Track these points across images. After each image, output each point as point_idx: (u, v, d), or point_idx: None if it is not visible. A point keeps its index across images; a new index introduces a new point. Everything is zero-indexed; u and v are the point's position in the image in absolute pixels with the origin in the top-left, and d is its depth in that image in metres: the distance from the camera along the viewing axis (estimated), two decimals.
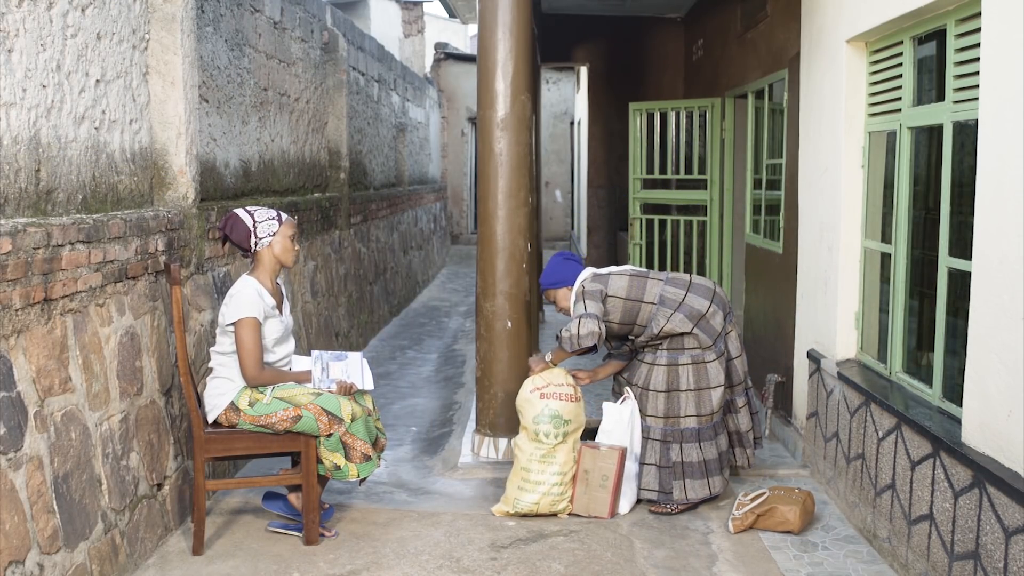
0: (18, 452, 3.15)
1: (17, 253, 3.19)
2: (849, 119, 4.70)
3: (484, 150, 5.35)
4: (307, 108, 7.58)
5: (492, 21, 5.26)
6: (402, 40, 18.37)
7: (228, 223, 4.16)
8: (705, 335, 4.53)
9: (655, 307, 4.53)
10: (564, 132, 19.13)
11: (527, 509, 4.49)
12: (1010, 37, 3.08)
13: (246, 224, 4.12)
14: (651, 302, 4.54)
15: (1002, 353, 3.12)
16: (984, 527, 3.14)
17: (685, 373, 4.53)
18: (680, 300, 4.54)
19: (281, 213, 4.22)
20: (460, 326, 10.51)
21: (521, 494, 4.50)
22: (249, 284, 4.08)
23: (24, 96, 3.47)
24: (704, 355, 4.54)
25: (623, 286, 4.57)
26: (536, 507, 4.49)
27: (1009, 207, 3.08)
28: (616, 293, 4.56)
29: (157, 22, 4.52)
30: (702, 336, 4.52)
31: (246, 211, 4.16)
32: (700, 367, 4.53)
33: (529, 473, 4.50)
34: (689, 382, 4.53)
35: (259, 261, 4.17)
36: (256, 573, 3.89)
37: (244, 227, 4.12)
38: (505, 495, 4.58)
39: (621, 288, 4.57)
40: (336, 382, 4.14)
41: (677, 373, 4.53)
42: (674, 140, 8.32)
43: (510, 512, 4.52)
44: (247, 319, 3.99)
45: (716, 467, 4.61)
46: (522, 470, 4.53)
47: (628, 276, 4.63)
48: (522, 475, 4.52)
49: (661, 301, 4.54)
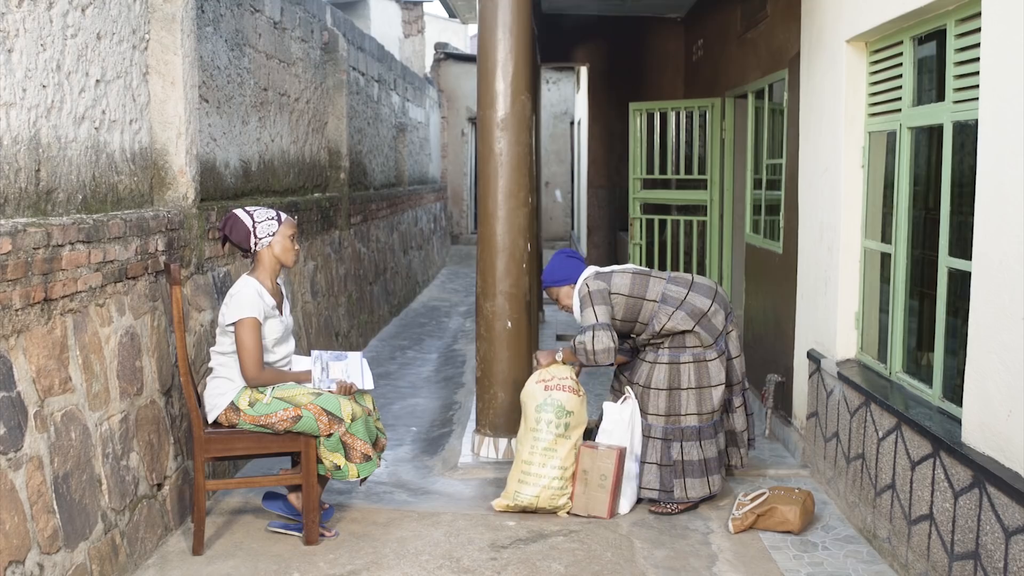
0: (18, 452, 3.15)
1: (17, 253, 3.19)
2: (849, 119, 4.70)
3: (484, 150, 5.35)
4: (307, 108, 7.58)
5: (492, 21, 5.26)
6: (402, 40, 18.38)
7: (228, 224, 4.15)
8: (707, 333, 4.54)
9: (657, 304, 4.55)
10: (564, 132, 19.13)
11: (527, 503, 4.50)
12: (1010, 37, 3.08)
13: (245, 224, 4.11)
14: (653, 300, 4.56)
15: (1002, 353, 3.12)
16: (984, 527, 3.14)
17: (687, 371, 4.54)
18: (682, 298, 4.55)
19: (280, 213, 4.21)
20: (460, 326, 10.51)
21: (521, 487, 4.51)
22: (249, 284, 4.07)
23: (24, 96, 3.47)
24: (705, 353, 4.54)
25: (626, 283, 4.59)
26: (536, 500, 4.49)
27: (1009, 207, 3.08)
28: (619, 290, 4.58)
29: (157, 22, 4.52)
30: (703, 334, 4.53)
31: (245, 211, 4.16)
32: (701, 365, 4.54)
33: (530, 466, 4.51)
34: (690, 380, 4.54)
35: (259, 261, 4.16)
36: (256, 573, 3.89)
37: (244, 227, 4.11)
38: (506, 489, 4.59)
39: (624, 286, 4.59)
40: (336, 382, 4.14)
41: (679, 371, 4.54)
42: (674, 140, 8.33)
43: (510, 505, 4.53)
44: (247, 319, 3.99)
45: (716, 466, 4.62)
46: (523, 463, 4.54)
47: (631, 274, 4.65)
48: (523, 468, 4.53)
49: (663, 299, 4.55)
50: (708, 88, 8.49)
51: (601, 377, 7.40)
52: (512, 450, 5.35)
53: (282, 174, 6.88)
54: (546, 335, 9.26)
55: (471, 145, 19.14)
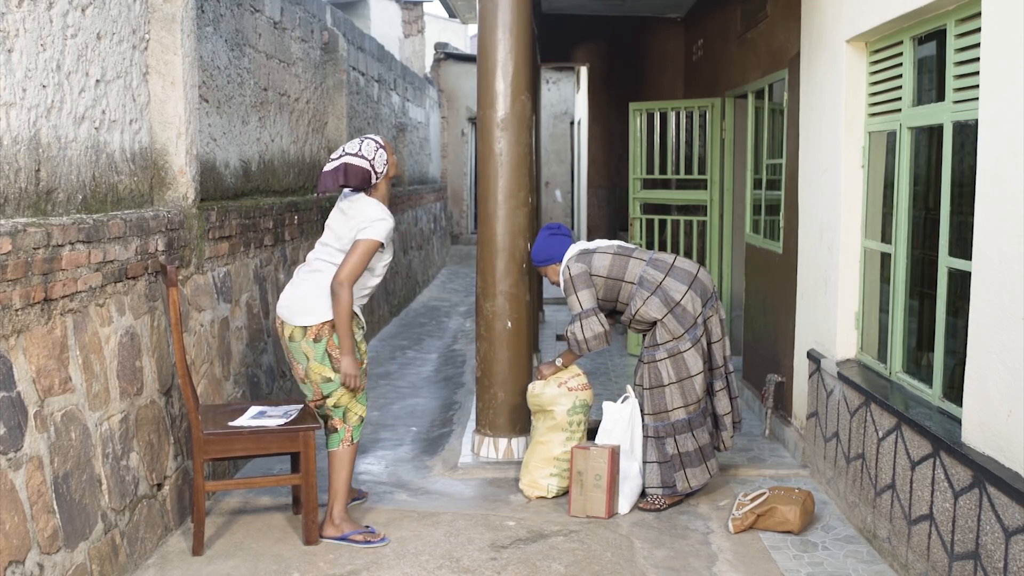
0: (18, 452, 3.15)
1: (17, 253, 3.19)
2: (849, 119, 4.70)
3: (484, 150, 5.35)
4: (307, 108, 7.58)
5: (492, 21, 5.26)
6: (402, 40, 18.37)
7: (340, 177, 4.14)
8: (677, 323, 4.56)
9: (635, 287, 4.60)
10: (564, 132, 19.12)
11: (558, 493, 4.80)
12: (1010, 37, 3.08)
13: (363, 167, 4.16)
14: (631, 282, 4.62)
15: (1002, 353, 3.12)
16: (984, 527, 3.14)
17: (664, 368, 4.57)
18: (658, 283, 4.58)
19: (378, 139, 4.27)
20: (460, 326, 10.51)
21: (553, 480, 4.77)
22: (387, 212, 4.17)
23: (24, 96, 3.47)
24: (679, 345, 4.57)
25: (605, 265, 4.64)
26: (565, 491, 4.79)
27: (1009, 207, 3.08)
28: (598, 272, 4.64)
29: (157, 22, 4.52)
30: (673, 324, 4.55)
31: (355, 155, 4.17)
32: (677, 359, 4.57)
33: (563, 462, 4.75)
34: (670, 375, 4.57)
35: (377, 189, 4.26)
36: (256, 573, 3.89)
37: (362, 171, 4.16)
38: (534, 480, 4.79)
39: (603, 267, 4.64)
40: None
41: (657, 369, 4.59)
42: (674, 140, 8.32)
43: (547, 497, 4.79)
44: (376, 243, 4.09)
45: (710, 450, 4.74)
46: (555, 460, 4.76)
47: (611, 255, 4.68)
48: (555, 464, 4.76)
49: (640, 282, 4.59)
50: (708, 88, 8.48)
51: (601, 377, 7.40)
52: (513, 450, 5.36)
53: (282, 174, 6.88)
54: (546, 335, 9.26)
55: (471, 145, 19.13)
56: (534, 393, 4.83)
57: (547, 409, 4.78)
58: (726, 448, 4.90)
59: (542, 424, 4.81)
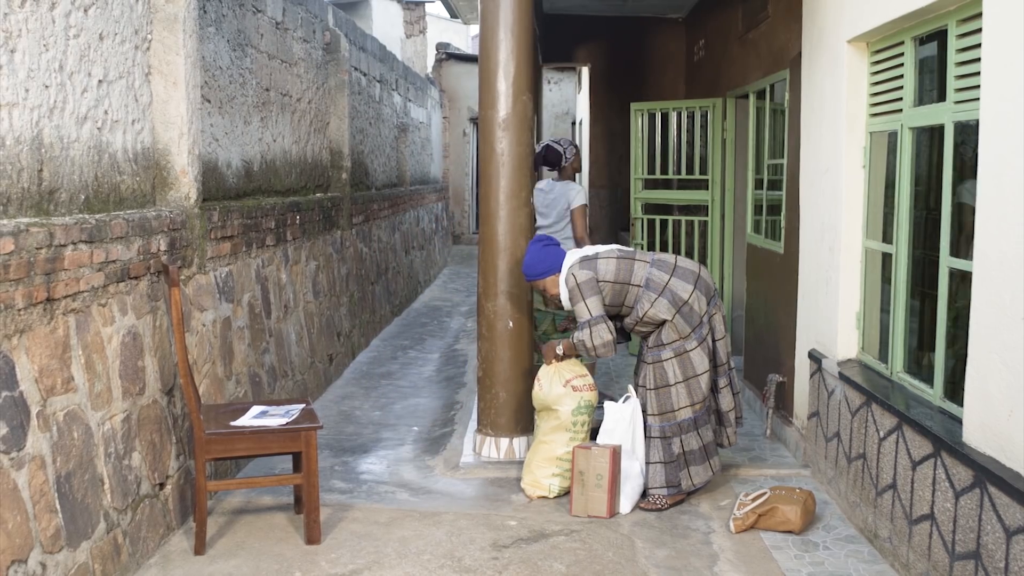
0: (20, 451, 3.16)
1: (20, 253, 3.19)
2: (850, 119, 4.70)
3: (486, 150, 5.36)
4: (309, 108, 7.58)
5: (494, 22, 5.27)
6: (404, 40, 18.37)
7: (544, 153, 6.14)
8: (684, 322, 4.57)
9: (641, 289, 4.60)
10: (565, 132, 19.10)
11: (560, 492, 4.80)
12: (1011, 37, 3.09)
13: (558, 150, 6.15)
14: (637, 284, 4.61)
15: (1003, 353, 3.12)
16: (985, 527, 3.14)
17: (671, 367, 4.58)
18: (664, 284, 4.59)
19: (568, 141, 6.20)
20: (462, 326, 10.52)
21: (555, 480, 4.77)
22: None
23: (27, 96, 3.47)
24: (685, 344, 4.58)
25: (611, 270, 4.63)
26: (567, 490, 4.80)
27: (1010, 207, 3.08)
28: (605, 277, 4.62)
29: (159, 22, 4.53)
30: (681, 324, 4.56)
31: (552, 144, 6.19)
32: (684, 358, 4.58)
33: (565, 462, 4.73)
34: (676, 375, 4.58)
35: (564, 173, 6.17)
36: (258, 572, 3.90)
37: (558, 153, 6.15)
38: (536, 480, 4.78)
39: (610, 272, 4.62)
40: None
41: (663, 369, 4.59)
42: (675, 140, 8.32)
43: (548, 497, 4.78)
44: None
45: (714, 448, 4.76)
46: (558, 460, 4.75)
47: (615, 259, 4.67)
48: (558, 464, 4.75)
49: (647, 284, 4.59)
50: (709, 88, 8.48)
51: (602, 377, 7.40)
52: (514, 450, 5.36)
53: (284, 174, 6.89)
54: None
55: (473, 145, 19.13)
56: (542, 382, 4.82)
57: (552, 408, 4.78)
58: (731, 443, 4.91)
59: (546, 423, 4.82)
